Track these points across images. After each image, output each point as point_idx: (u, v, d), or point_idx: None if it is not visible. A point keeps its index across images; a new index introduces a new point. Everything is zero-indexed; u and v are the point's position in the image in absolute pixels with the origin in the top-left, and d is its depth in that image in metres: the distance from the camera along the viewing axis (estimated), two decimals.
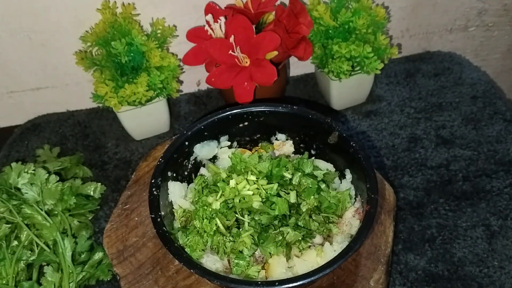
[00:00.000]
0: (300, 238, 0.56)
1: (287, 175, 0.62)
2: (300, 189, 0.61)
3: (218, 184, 0.61)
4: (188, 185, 0.66)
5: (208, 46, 0.77)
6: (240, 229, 0.57)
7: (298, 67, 0.97)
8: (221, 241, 0.57)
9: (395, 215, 0.66)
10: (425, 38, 1.01)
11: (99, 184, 0.77)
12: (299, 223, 0.58)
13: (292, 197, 0.59)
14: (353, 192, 0.62)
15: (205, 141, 0.66)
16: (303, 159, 0.66)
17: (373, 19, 0.81)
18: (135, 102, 0.78)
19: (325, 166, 0.66)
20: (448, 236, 0.71)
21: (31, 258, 0.66)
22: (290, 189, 0.60)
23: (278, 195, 0.60)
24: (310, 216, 0.59)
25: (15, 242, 0.67)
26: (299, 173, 0.61)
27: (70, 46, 0.82)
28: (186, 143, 0.64)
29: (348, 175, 0.63)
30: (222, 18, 0.78)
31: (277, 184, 0.60)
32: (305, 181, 0.61)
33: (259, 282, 0.50)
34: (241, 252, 0.56)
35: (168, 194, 0.62)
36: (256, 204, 0.58)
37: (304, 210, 0.59)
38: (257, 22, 0.80)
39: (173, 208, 0.62)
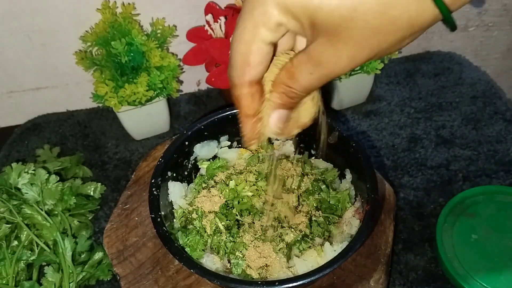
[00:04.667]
0: (299, 238, 0.56)
1: (287, 177, 0.62)
2: (300, 190, 0.61)
3: (217, 185, 0.61)
4: (188, 185, 0.66)
5: (208, 46, 0.77)
6: (240, 229, 0.57)
7: None
8: (221, 241, 0.57)
9: (395, 215, 0.66)
10: (425, 38, 1.01)
11: (99, 184, 0.77)
12: (299, 227, 0.58)
13: (293, 200, 0.59)
14: (353, 192, 0.62)
15: (205, 141, 0.66)
16: (302, 159, 0.66)
17: None
18: (135, 102, 0.78)
19: (325, 166, 0.66)
20: None
21: (31, 258, 0.66)
22: (290, 191, 0.60)
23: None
24: (310, 219, 0.59)
25: (15, 242, 0.67)
26: (299, 177, 0.61)
27: (70, 46, 0.82)
28: (186, 143, 0.64)
29: (348, 175, 0.63)
30: (222, 18, 0.78)
31: (276, 185, 0.60)
32: (305, 182, 0.61)
33: (259, 282, 0.50)
34: (241, 252, 0.56)
35: (168, 194, 0.62)
36: (257, 205, 0.58)
37: (304, 211, 0.59)
38: None
39: (173, 208, 0.62)
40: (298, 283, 0.50)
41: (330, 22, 0.33)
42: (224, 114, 0.65)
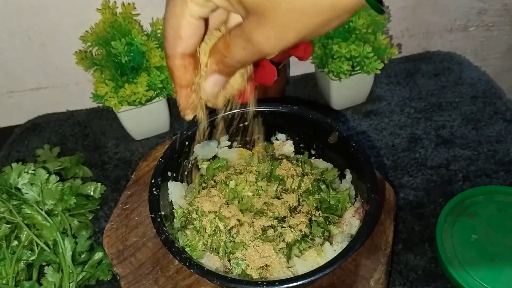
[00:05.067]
0: (299, 238, 0.56)
1: (287, 177, 0.62)
2: (300, 190, 0.61)
3: (217, 185, 0.61)
4: (188, 185, 0.66)
5: None
6: (240, 228, 0.57)
7: (298, 67, 0.97)
8: (221, 241, 0.57)
9: (395, 215, 0.66)
10: (425, 38, 1.01)
11: (99, 184, 0.77)
12: (299, 227, 0.58)
13: (293, 200, 0.59)
14: (353, 192, 0.62)
15: (205, 141, 0.66)
16: (302, 159, 0.66)
17: (373, 19, 0.81)
18: (135, 102, 0.78)
19: (325, 166, 0.66)
20: None
21: (31, 258, 0.67)
22: (290, 191, 0.60)
23: (278, 196, 0.60)
24: (310, 219, 0.59)
25: (15, 242, 0.67)
26: (299, 177, 0.61)
27: (70, 46, 0.82)
28: (186, 143, 0.64)
29: (348, 175, 0.63)
30: None
31: (276, 185, 0.60)
32: (305, 182, 0.61)
33: (259, 282, 0.50)
34: (241, 252, 0.56)
35: (168, 194, 0.62)
36: (256, 205, 0.58)
37: (304, 211, 0.59)
38: None
39: (173, 208, 0.62)
40: (298, 283, 0.50)
41: (255, 1, 0.35)
42: (224, 114, 0.65)
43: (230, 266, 0.56)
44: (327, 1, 0.33)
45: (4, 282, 0.64)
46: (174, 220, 0.61)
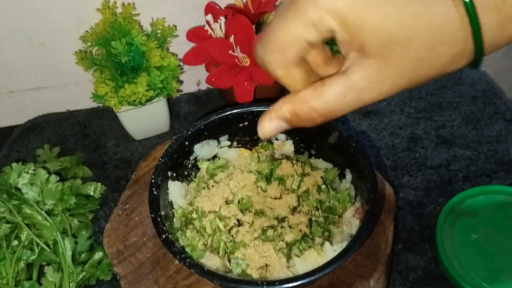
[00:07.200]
0: (299, 238, 0.56)
1: (287, 178, 0.62)
2: (300, 190, 0.61)
3: (218, 185, 0.61)
4: (188, 185, 0.66)
5: (208, 46, 0.77)
6: (240, 228, 0.57)
7: None
8: (221, 241, 0.57)
9: (395, 215, 0.66)
10: None
11: (99, 184, 0.77)
12: (299, 227, 0.58)
13: (293, 200, 0.59)
14: (353, 192, 0.62)
15: (205, 141, 0.67)
16: (302, 159, 0.66)
17: None
18: (135, 102, 0.78)
19: (324, 165, 0.66)
20: None
21: (31, 258, 0.67)
22: (290, 191, 0.61)
23: (278, 196, 0.60)
24: (310, 219, 0.59)
25: (15, 242, 0.67)
26: (299, 177, 0.61)
27: (70, 46, 0.82)
28: (186, 143, 0.64)
29: (348, 175, 0.63)
30: (222, 18, 0.78)
31: (277, 185, 0.60)
32: (305, 182, 0.61)
33: (259, 282, 0.50)
34: (241, 252, 0.56)
35: (168, 194, 0.62)
36: (256, 205, 0.58)
37: (304, 211, 0.59)
38: (257, 22, 0.80)
39: (173, 208, 0.63)
40: (298, 283, 0.50)
41: (386, 46, 0.33)
42: (224, 114, 0.65)
43: (230, 266, 0.56)
44: (449, 56, 0.33)
45: (4, 282, 0.64)
46: (174, 220, 0.61)
